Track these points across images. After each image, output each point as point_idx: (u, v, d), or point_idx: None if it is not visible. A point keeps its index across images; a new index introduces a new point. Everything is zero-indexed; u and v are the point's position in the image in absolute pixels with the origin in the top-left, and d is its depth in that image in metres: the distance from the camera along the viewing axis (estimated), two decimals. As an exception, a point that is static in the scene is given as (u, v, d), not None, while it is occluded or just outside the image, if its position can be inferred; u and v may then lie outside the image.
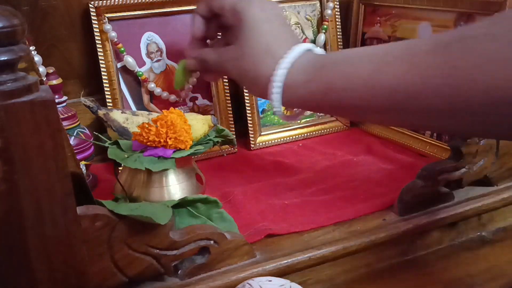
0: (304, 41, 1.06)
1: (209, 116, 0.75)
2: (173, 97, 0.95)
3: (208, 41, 0.81)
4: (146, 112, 0.79)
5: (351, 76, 0.57)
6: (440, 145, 0.91)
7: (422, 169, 0.74)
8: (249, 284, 0.53)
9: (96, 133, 0.76)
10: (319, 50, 0.65)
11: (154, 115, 0.77)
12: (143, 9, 0.93)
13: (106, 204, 0.53)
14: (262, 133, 1.02)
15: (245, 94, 1.00)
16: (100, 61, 0.91)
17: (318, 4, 1.07)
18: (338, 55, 0.64)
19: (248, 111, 1.00)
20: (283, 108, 0.65)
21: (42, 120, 0.44)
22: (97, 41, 0.90)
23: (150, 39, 0.95)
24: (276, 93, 0.63)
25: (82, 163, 0.80)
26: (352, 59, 0.59)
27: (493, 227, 0.77)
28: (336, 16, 1.07)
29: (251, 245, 0.63)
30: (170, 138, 0.68)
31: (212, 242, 0.60)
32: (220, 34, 0.80)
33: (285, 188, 0.82)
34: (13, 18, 0.43)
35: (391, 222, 0.71)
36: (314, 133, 1.06)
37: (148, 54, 0.95)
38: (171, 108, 0.71)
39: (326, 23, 1.06)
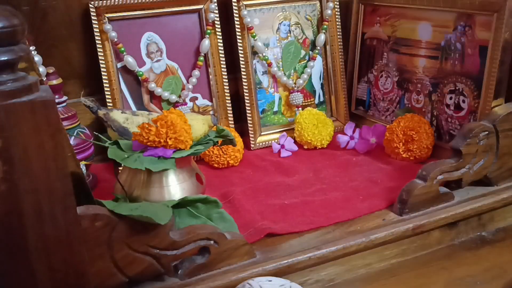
0: (304, 41, 1.06)
1: (209, 116, 0.75)
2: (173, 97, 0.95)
3: None
4: (146, 112, 0.79)
5: None
6: (440, 145, 0.91)
7: (422, 169, 0.74)
8: (249, 284, 0.53)
9: (96, 133, 0.76)
10: None
11: (154, 115, 0.77)
12: (143, 9, 0.93)
13: (106, 204, 0.53)
14: (262, 133, 1.02)
15: (245, 94, 1.00)
16: (100, 61, 0.91)
17: (318, 4, 1.07)
18: None
19: (248, 111, 1.00)
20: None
21: (42, 120, 0.44)
22: (97, 41, 0.90)
23: (150, 39, 0.95)
24: None
25: (82, 163, 0.80)
26: None
27: (493, 227, 0.77)
28: (336, 16, 1.07)
29: (251, 245, 0.63)
30: (170, 138, 0.68)
31: (212, 242, 0.60)
32: None
33: (285, 188, 0.82)
34: (13, 18, 0.43)
35: (391, 222, 0.71)
36: (314, 133, 1.06)
37: (148, 54, 0.95)
38: (171, 108, 0.71)
39: (326, 23, 1.06)
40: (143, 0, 0.92)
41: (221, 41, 0.98)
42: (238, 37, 0.99)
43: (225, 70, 0.99)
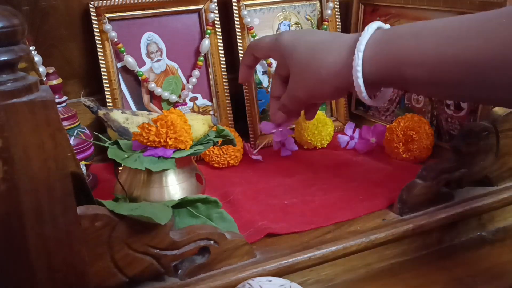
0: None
1: (209, 116, 0.76)
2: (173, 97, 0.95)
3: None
4: (146, 112, 0.79)
5: (421, 51, 0.58)
6: (440, 145, 0.91)
7: (422, 169, 0.74)
8: (249, 284, 0.53)
9: (96, 133, 0.76)
10: (387, 26, 0.65)
11: (154, 115, 0.77)
12: (143, 9, 0.93)
13: (106, 204, 0.54)
14: (262, 133, 1.02)
15: (245, 94, 1.00)
16: (100, 61, 0.91)
17: (318, 4, 1.07)
18: (404, 29, 0.63)
19: (248, 111, 1.00)
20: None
21: (42, 120, 0.44)
22: (97, 41, 0.90)
23: (150, 39, 0.95)
24: (360, 77, 0.62)
25: (82, 163, 0.80)
26: (420, 34, 0.59)
27: (493, 227, 0.77)
28: (336, 16, 1.07)
29: (251, 245, 0.63)
30: (170, 138, 0.68)
31: (212, 242, 0.60)
32: None
33: (285, 188, 0.82)
34: (13, 18, 0.43)
35: (391, 222, 0.71)
36: (314, 133, 1.06)
37: (148, 54, 0.95)
38: (171, 108, 0.71)
39: (326, 23, 1.06)
40: (143, 0, 0.92)
41: (221, 41, 0.98)
42: (238, 37, 0.99)
43: (225, 70, 0.99)
